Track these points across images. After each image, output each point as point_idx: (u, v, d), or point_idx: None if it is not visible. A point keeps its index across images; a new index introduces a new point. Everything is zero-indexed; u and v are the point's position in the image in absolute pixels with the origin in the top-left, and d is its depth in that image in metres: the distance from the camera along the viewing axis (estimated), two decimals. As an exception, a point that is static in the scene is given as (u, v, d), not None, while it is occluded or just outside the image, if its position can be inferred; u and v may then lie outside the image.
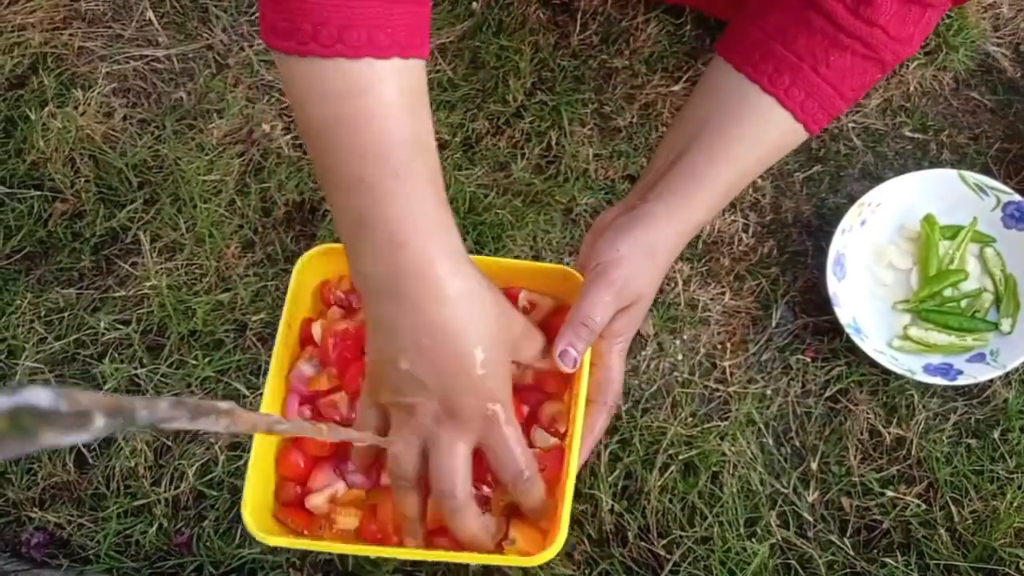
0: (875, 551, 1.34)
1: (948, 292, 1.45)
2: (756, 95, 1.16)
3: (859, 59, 1.14)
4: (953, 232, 1.46)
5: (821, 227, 1.51)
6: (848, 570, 1.33)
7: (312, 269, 1.15)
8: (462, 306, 0.94)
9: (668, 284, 1.48)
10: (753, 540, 1.34)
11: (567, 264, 1.46)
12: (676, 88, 1.58)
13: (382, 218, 0.91)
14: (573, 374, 1.06)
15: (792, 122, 1.16)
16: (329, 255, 1.14)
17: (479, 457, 1.01)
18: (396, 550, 1.06)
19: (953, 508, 1.35)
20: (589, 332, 1.05)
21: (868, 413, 1.40)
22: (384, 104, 0.90)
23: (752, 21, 1.17)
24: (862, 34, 1.12)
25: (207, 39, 1.66)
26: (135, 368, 1.46)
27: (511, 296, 1.10)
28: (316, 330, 1.14)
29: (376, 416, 1.02)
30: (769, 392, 1.43)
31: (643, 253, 1.11)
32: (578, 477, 1.29)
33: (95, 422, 0.61)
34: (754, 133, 1.17)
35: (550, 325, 1.10)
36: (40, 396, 0.57)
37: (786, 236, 1.51)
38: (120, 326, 1.49)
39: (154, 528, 1.39)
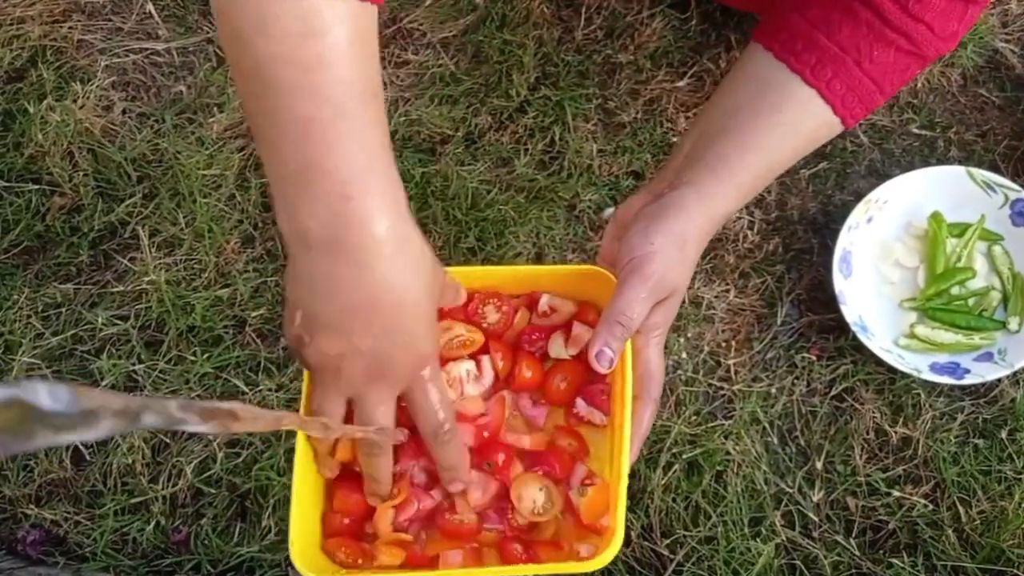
0: (881, 551, 1.33)
1: (955, 290, 1.43)
2: (796, 86, 1.13)
3: (902, 55, 1.12)
4: (960, 230, 1.45)
5: (827, 224, 1.49)
6: (854, 571, 1.32)
7: None
8: (402, 263, 0.90)
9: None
10: (758, 540, 1.33)
11: (571, 260, 1.45)
12: (681, 84, 1.56)
13: (330, 166, 0.86)
14: (615, 374, 1.04)
15: (830, 115, 1.14)
16: None
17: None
18: (456, 572, 1.02)
19: (960, 508, 1.33)
20: (624, 330, 1.02)
21: (874, 412, 1.39)
22: (339, 46, 0.84)
23: (795, 10, 1.15)
24: (908, 29, 1.10)
25: (207, 32, 1.65)
26: (133, 364, 1.45)
27: (532, 300, 1.08)
28: None
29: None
30: (774, 391, 1.41)
31: (675, 244, 1.07)
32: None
33: (102, 422, 0.60)
34: (790, 124, 1.14)
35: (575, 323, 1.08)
36: (45, 394, 0.55)
37: (792, 233, 1.50)
38: (118, 322, 1.48)
39: (151, 526, 1.38)
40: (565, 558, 1.01)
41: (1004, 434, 1.37)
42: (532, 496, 1.02)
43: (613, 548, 0.95)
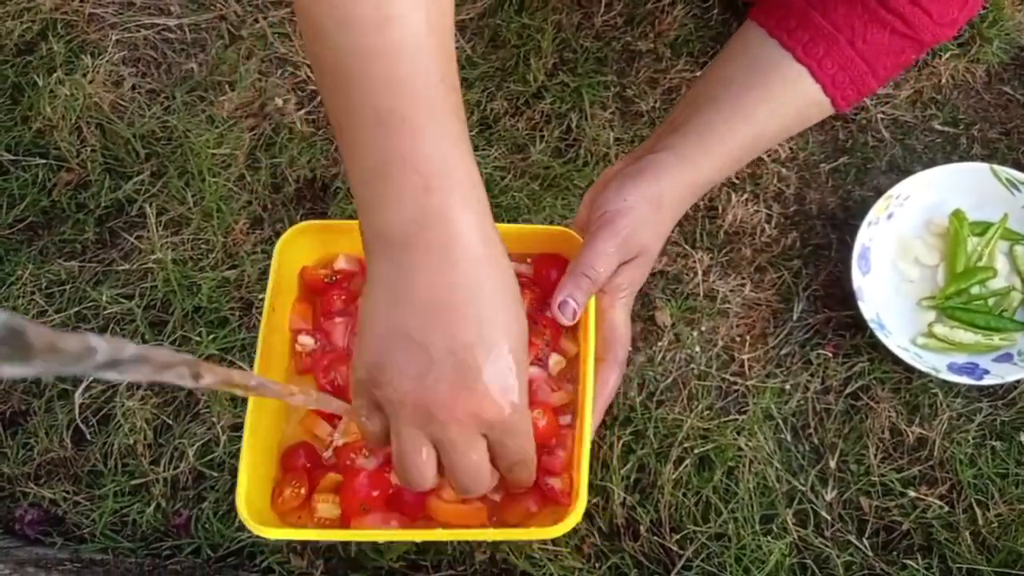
0: (895, 553, 1.30)
1: (975, 290, 1.41)
2: (787, 63, 1.13)
3: (897, 37, 1.10)
4: (982, 228, 1.42)
5: (846, 220, 1.47)
6: (866, 571, 1.29)
7: (295, 248, 1.07)
8: (487, 268, 0.83)
9: (687, 274, 1.44)
10: (769, 538, 1.30)
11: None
12: (701, 73, 1.54)
13: (410, 157, 0.80)
14: (578, 331, 1.02)
15: (820, 95, 1.13)
16: (309, 233, 1.06)
17: None
18: (408, 532, 1.00)
19: (977, 511, 1.31)
20: (591, 283, 0.99)
21: (890, 411, 1.36)
22: (416, 35, 0.81)
23: None
24: (904, 12, 1.08)
25: (220, 9, 1.63)
26: (137, 343, 1.42)
27: None
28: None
29: (379, 416, 0.87)
30: (788, 387, 1.39)
31: (650, 203, 1.06)
32: (589, 468, 1.26)
33: (36, 359, 0.56)
34: (779, 99, 1.14)
35: (547, 279, 1.05)
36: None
37: (810, 228, 1.47)
38: (123, 300, 1.46)
39: (152, 508, 1.35)
40: (522, 517, 0.99)
41: (1023, 437, 1.35)
42: None
43: (575, 515, 0.92)
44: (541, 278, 1.06)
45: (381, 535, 1.04)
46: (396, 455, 0.86)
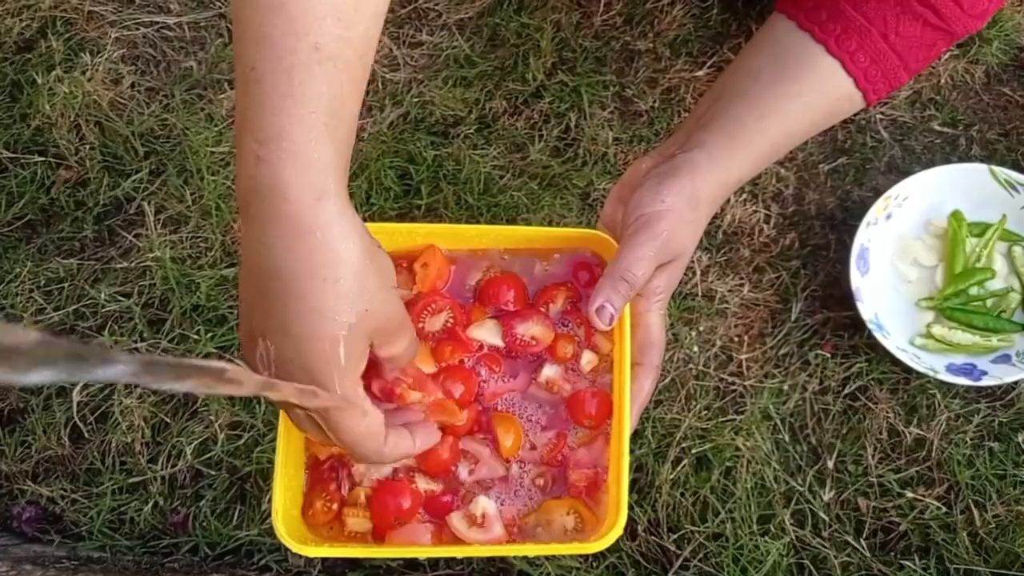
0: (892, 553, 1.30)
1: (974, 291, 1.41)
2: (819, 55, 1.11)
3: (929, 29, 1.09)
4: (981, 229, 1.42)
5: (845, 220, 1.47)
6: (864, 572, 1.30)
7: None
8: (303, 252, 0.78)
9: (685, 274, 1.43)
10: (767, 538, 1.30)
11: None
12: (700, 73, 1.54)
13: (253, 124, 0.78)
14: (614, 336, 1.00)
15: (852, 88, 1.12)
16: None
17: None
18: (447, 549, 0.99)
19: (975, 512, 1.31)
20: (629, 287, 0.97)
21: (888, 412, 1.36)
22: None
23: None
24: (936, 3, 1.07)
25: (219, 7, 1.62)
26: (135, 342, 1.43)
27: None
28: None
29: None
30: (786, 387, 1.39)
31: (688, 204, 1.03)
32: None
33: (41, 369, 0.55)
34: (811, 94, 1.11)
35: (576, 279, 1.05)
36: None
37: (808, 228, 1.47)
38: (121, 298, 1.46)
39: (149, 506, 1.35)
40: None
41: (1020, 438, 1.35)
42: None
43: (617, 529, 0.91)
44: (573, 279, 1.05)
45: (420, 551, 1.03)
46: None
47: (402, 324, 0.88)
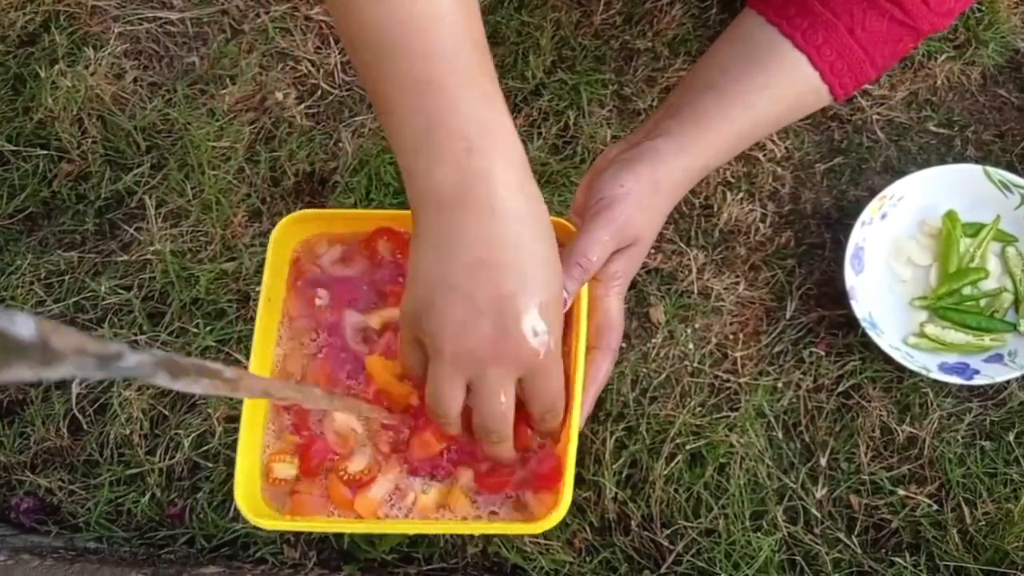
0: (883, 550, 1.31)
1: (967, 290, 1.42)
2: (786, 49, 1.13)
3: (895, 25, 1.11)
4: (975, 229, 1.43)
5: (840, 220, 1.47)
6: (855, 569, 1.30)
7: (290, 238, 1.08)
8: (531, 222, 0.87)
9: (681, 271, 1.45)
10: (759, 534, 1.31)
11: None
12: (698, 72, 1.55)
13: (451, 122, 0.84)
14: (570, 319, 1.01)
15: (818, 82, 1.13)
16: (304, 223, 1.08)
17: None
18: (398, 524, 1.02)
19: (965, 509, 1.31)
20: (583, 271, 1.00)
21: (881, 410, 1.37)
22: (445, 3, 0.85)
23: None
24: (902, 0, 1.09)
25: (222, 4, 1.64)
26: (135, 335, 1.44)
27: None
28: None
29: (419, 353, 0.93)
30: (780, 385, 1.40)
31: (647, 190, 1.06)
32: (580, 462, 1.27)
33: (70, 362, 0.57)
34: (777, 86, 1.13)
35: None
36: (21, 326, 0.53)
37: (804, 227, 1.48)
38: (121, 291, 1.47)
39: (147, 498, 1.36)
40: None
41: (1012, 437, 1.36)
42: None
43: (561, 509, 0.94)
44: None
45: (374, 526, 1.05)
46: (430, 390, 0.91)
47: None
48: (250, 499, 0.99)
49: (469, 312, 0.86)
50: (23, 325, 0.53)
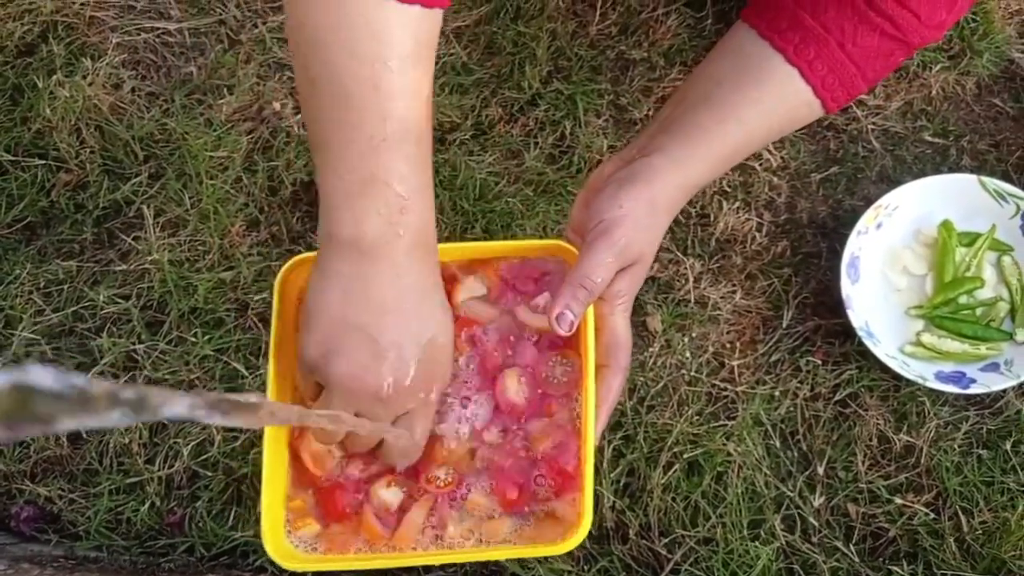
0: (881, 559, 1.32)
1: (963, 299, 1.42)
2: (778, 63, 1.13)
3: (886, 39, 1.11)
4: (970, 239, 1.44)
5: (836, 229, 1.48)
6: (852, 577, 1.31)
7: (295, 280, 1.07)
8: (434, 277, 0.97)
9: (678, 280, 1.46)
10: (757, 543, 1.32)
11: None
12: (694, 82, 1.55)
13: (393, 180, 0.91)
14: (578, 340, 1.03)
15: (810, 96, 1.14)
16: (307, 265, 1.04)
17: None
18: (422, 556, 1.02)
19: (962, 518, 1.32)
20: (588, 294, 1.00)
21: (877, 419, 1.38)
22: (404, 57, 0.89)
23: None
24: (893, 14, 1.09)
25: (220, 14, 1.64)
26: (133, 344, 1.44)
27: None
28: None
29: (314, 382, 0.98)
30: (777, 394, 1.40)
31: (645, 209, 1.06)
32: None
33: (113, 412, 0.61)
34: (769, 100, 1.14)
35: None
36: (47, 378, 0.55)
37: (800, 236, 1.49)
38: (120, 300, 1.47)
39: (146, 506, 1.36)
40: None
41: (1008, 445, 1.36)
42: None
43: (582, 531, 0.95)
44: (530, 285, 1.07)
45: (403, 560, 1.05)
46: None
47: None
48: (277, 540, 0.99)
49: (374, 353, 0.93)
50: (76, 382, 0.57)
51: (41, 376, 0.56)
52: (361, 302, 0.93)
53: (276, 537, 0.99)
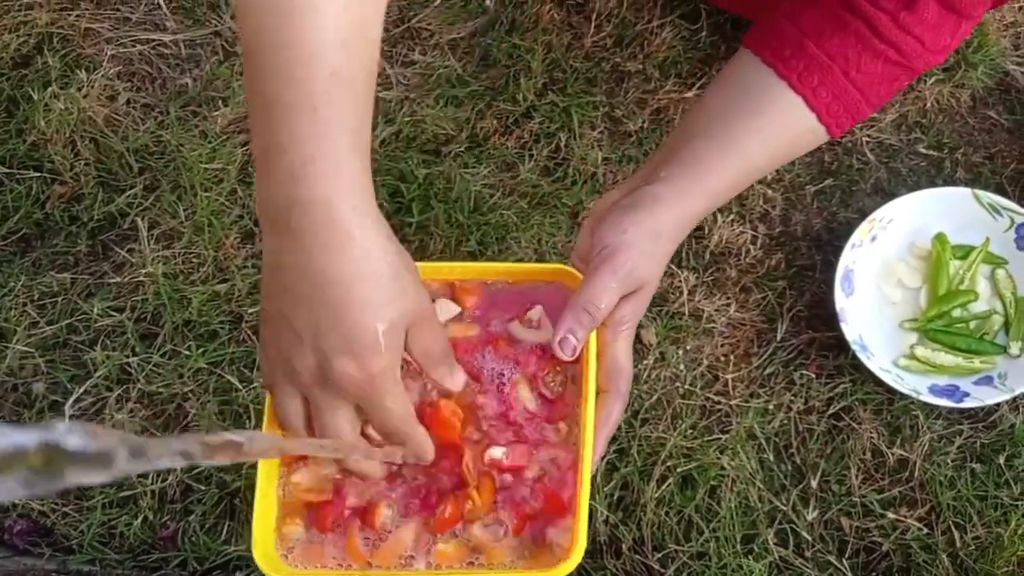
0: (874, 574, 1.32)
1: (957, 313, 1.42)
2: (782, 91, 1.12)
3: (890, 66, 1.11)
4: (964, 252, 1.44)
5: (831, 241, 1.48)
6: (845, 592, 1.31)
7: None
8: (352, 258, 0.86)
9: (673, 293, 1.45)
10: (750, 557, 1.31)
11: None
12: (689, 95, 1.55)
13: (287, 145, 0.84)
14: (580, 365, 1.02)
15: (815, 123, 1.13)
16: None
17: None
18: (413, 574, 1.01)
19: (955, 533, 1.32)
20: (591, 319, 1.00)
21: (871, 432, 1.38)
22: (324, 28, 0.83)
23: (785, 17, 1.14)
24: (897, 41, 1.09)
25: (215, 26, 1.64)
26: (127, 356, 1.44)
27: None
28: None
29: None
30: (771, 407, 1.40)
31: (649, 237, 1.06)
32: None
33: (118, 464, 0.61)
34: (772, 129, 1.13)
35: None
36: (67, 436, 0.56)
37: (795, 249, 1.49)
38: (114, 313, 1.47)
39: (139, 520, 1.37)
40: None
41: (1002, 459, 1.36)
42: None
43: (574, 558, 0.93)
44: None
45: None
46: (274, 400, 0.94)
47: (433, 314, 0.96)
48: (268, 554, 0.99)
49: (294, 339, 0.88)
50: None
51: (69, 437, 0.57)
52: (278, 283, 0.88)
53: (266, 546, 0.99)
